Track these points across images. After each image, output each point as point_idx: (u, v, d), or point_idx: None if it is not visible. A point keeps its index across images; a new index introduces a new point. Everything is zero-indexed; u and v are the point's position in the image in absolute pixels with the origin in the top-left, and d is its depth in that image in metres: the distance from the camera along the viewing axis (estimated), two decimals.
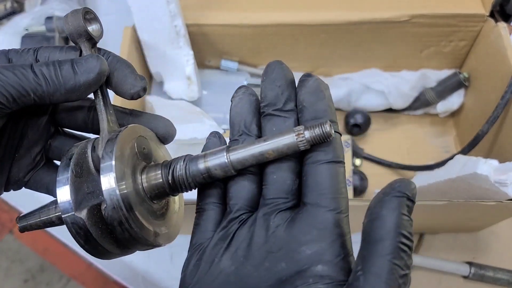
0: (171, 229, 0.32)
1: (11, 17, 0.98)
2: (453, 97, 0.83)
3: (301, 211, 0.28)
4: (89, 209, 0.28)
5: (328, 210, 0.27)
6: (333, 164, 0.28)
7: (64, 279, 1.49)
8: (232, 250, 0.29)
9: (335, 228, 0.27)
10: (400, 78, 0.83)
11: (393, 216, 0.25)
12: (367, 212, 0.27)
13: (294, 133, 0.28)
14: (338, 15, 0.75)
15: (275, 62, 0.32)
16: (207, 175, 0.29)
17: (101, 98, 0.32)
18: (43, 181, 0.35)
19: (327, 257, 0.27)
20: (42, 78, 0.29)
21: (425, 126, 0.87)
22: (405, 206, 0.25)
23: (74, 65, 0.30)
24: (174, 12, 0.71)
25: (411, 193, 0.26)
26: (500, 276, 0.71)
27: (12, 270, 1.53)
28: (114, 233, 0.29)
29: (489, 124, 0.68)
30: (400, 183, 0.26)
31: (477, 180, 0.54)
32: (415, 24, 0.76)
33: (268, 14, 0.76)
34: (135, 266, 0.77)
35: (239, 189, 0.30)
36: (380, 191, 0.27)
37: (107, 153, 0.28)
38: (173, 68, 0.77)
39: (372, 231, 0.25)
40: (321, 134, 0.27)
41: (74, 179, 0.29)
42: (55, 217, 0.31)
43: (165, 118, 0.35)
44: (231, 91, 0.34)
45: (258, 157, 0.28)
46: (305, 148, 0.28)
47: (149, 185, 0.30)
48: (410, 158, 0.82)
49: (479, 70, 0.79)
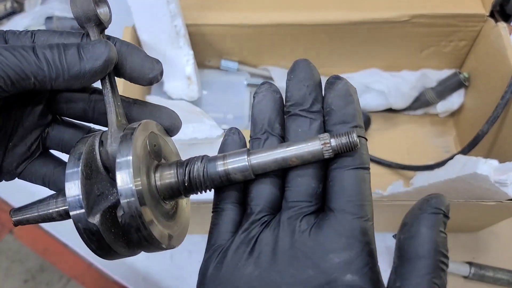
0: (181, 229, 0.32)
1: (11, 17, 0.98)
2: (453, 97, 0.83)
3: (327, 217, 0.28)
4: (102, 214, 0.27)
5: (356, 217, 0.27)
6: (360, 170, 0.28)
7: (64, 279, 1.49)
8: (255, 254, 0.28)
9: (363, 236, 0.27)
10: (400, 78, 0.83)
11: (432, 234, 0.25)
12: (402, 228, 0.27)
13: (319, 141, 0.27)
14: (338, 15, 0.75)
15: (303, 61, 0.31)
16: (225, 178, 0.29)
17: (109, 88, 0.30)
18: (39, 172, 0.33)
19: (356, 266, 0.26)
20: (44, 62, 0.27)
21: (425, 126, 0.87)
22: (442, 223, 0.26)
23: (80, 49, 0.28)
24: (174, 12, 0.71)
25: (446, 209, 0.26)
26: (500, 276, 0.71)
27: (12, 270, 1.53)
28: (128, 237, 0.28)
29: (489, 124, 0.68)
30: (436, 199, 0.26)
31: (477, 180, 0.54)
32: (415, 24, 0.76)
33: (268, 14, 0.76)
34: (136, 266, 0.77)
35: (260, 190, 0.29)
36: (415, 206, 0.27)
37: (123, 156, 0.26)
38: (173, 68, 0.77)
39: (410, 249, 0.25)
40: (347, 144, 0.27)
41: (85, 182, 0.27)
42: (56, 213, 0.30)
43: (169, 109, 0.33)
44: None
45: (281, 163, 0.28)
46: (329, 156, 0.27)
47: (163, 185, 0.29)
48: (410, 158, 0.82)
49: (479, 70, 0.79)
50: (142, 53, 0.31)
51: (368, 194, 0.28)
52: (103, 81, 0.30)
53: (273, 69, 0.84)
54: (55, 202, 0.30)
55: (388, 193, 0.68)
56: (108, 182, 0.29)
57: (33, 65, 0.26)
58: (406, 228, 0.26)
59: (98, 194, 0.28)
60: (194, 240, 0.72)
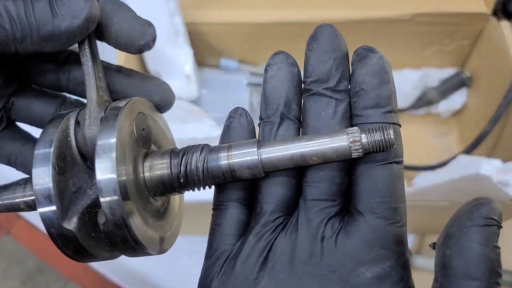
0: (173, 229, 0.27)
1: None
2: (455, 97, 0.83)
3: (356, 221, 0.23)
4: (80, 216, 0.22)
5: (389, 223, 0.23)
6: (393, 166, 0.24)
7: (62, 281, 1.48)
8: (269, 265, 0.23)
9: (397, 246, 0.23)
10: (402, 78, 0.82)
11: (486, 251, 0.21)
12: (447, 241, 0.22)
13: (347, 136, 0.22)
14: (340, 13, 0.75)
15: (328, 26, 0.25)
16: (229, 175, 0.24)
17: (89, 56, 0.24)
18: (3, 150, 0.28)
19: (390, 282, 0.22)
20: (6, 17, 0.21)
21: (427, 126, 0.86)
22: (496, 236, 0.22)
23: (53, 3, 0.22)
24: (173, 11, 0.70)
25: (499, 218, 0.22)
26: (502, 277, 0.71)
27: (10, 272, 1.52)
28: (111, 242, 0.23)
29: (491, 124, 0.68)
30: (488, 207, 0.22)
31: (480, 181, 0.53)
32: (418, 22, 0.75)
33: (268, 12, 0.75)
34: (135, 267, 0.76)
35: (273, 185, 0.24)
36: (461, 214, 0.23)
37: (105, 139, 0.21)
38: (172, 67, 0.76)
39: (459, 267, 0.21)
40: (382, 142, 0.22)
41: (57, 178, 0.22)
42: (23, 203, 0.24)
43: (160, 80, 0.28)
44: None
45: (298, 160, 0.23)
46: (358, 156, 0.23)
47: (153, 178, 0.24)
48: (412, 158, 0.81)
49: (481, 69, 0.78)
50: (131, 12, 0.25)
51: (402, 194, 0.24)
52: (81, 46, 0.24)
53: None
54: (22, 189, 0.24)
55: None
56: (86, 173, 0.24)
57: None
58: (453, 242, 0.22)
59: (75, 191, 0.23)
60: (194, 241, 0.72)
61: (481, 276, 0.21)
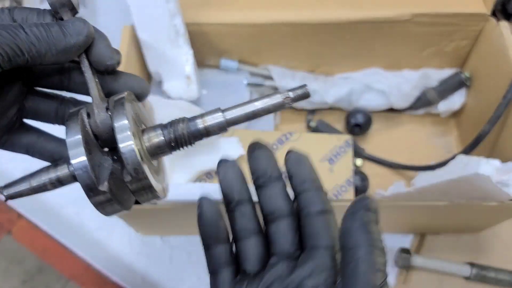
0: (166, 182, 0.36)
1: None
2: (454, 97, 0.83)
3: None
4: (108, 181, 0.30)
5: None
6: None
7: (63, 280, 1.48)
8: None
9: None
10: (401, 78, 0.83)
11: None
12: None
13: (281, 95, 0.33)
14: (339, 14, 0.75)
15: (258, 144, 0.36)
16: (205, 133, 0.33)
17: (87, 63, 0.32)
18: (21, 142, 0.35)
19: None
20: (35, 38, 0.29)
21: (426, 126, 0.87)
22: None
23: (62, 27, 0.30)
24: (173, 11, 0.70)
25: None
26: (502, 277, 0.71)
27: (10, 271, 1.52)
28: (136, 193, 0.32)
29: (491, 124, 0.68)
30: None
31: (479, 181, 0.53)
32: (417, 23, 0.75)
33: (268, 13, 0.76)
34: (135, 267, 0.76)
35: (250, 249, 0.34)
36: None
37: (122, 130, 0.30)
38: (172, 68, 0.77)
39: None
40: (303, 94, 0.33)
41: (88, 157, 0.30)
42: (48, 182, 0.32)
43: (138, 76, 0.36)
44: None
45: (250, 116, 0.33)
46: (289, 105, 0.33)
47: (152, 146, 0.33)
48: (411, 158, 0.82)
49: (480, 70, 0.79)
50: (107, 41, 0.33)
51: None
52: (81, 57, 0.32)
53: (273, 68, 0.83)
54: (47, 173, 0.32)
55: (389, 194, 0.67)
56: (100, 152, 0.32)
57: (26, 42, 0.28)
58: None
59: (98, 165, 0.31)
60: (193, 241, 0.72)
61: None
